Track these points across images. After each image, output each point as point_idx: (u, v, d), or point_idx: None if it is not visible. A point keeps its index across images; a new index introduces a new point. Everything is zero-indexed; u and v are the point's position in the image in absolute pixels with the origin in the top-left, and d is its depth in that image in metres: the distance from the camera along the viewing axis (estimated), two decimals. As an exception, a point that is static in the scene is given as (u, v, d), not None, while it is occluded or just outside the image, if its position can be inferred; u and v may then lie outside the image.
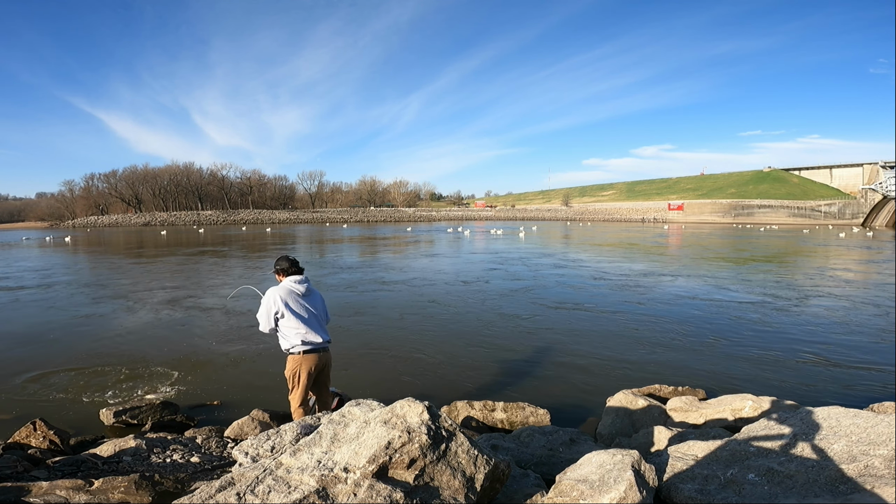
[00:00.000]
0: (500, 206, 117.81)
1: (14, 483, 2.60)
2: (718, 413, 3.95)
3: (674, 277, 14.20)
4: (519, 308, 9.85)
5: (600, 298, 10.88)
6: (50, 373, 6.02)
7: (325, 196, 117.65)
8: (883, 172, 69.91)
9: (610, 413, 4.25)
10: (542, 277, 14.30)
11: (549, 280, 13.79)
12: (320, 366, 3.73)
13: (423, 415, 2.15)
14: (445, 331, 8.09)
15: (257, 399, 5.00)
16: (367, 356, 6.72)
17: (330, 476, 1.91)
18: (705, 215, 76.38)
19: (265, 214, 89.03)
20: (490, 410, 4.48)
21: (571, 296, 11.25)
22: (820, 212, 68.14)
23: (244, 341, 7.43)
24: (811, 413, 2.66)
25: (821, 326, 8.25)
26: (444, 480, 1.97)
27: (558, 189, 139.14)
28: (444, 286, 12.77)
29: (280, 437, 2.39)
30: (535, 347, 7.11)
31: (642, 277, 14.16)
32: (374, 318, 9.03)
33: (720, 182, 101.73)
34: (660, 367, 6.20)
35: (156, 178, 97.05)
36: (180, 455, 3.52)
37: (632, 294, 11.39)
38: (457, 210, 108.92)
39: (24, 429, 3.85)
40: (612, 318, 8.93)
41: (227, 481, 1.93)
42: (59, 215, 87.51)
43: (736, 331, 7.95)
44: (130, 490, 2.54)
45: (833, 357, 6.56)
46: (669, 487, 2.27)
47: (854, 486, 2.02)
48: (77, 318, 9.23)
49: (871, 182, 73.12)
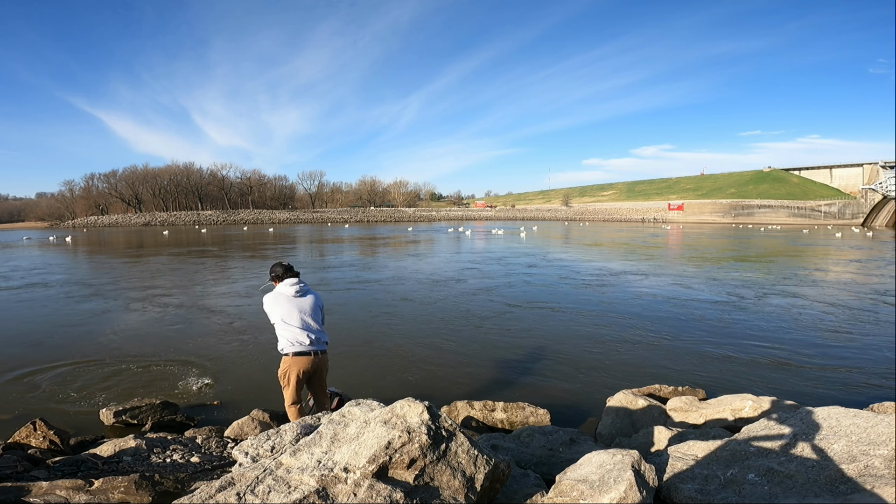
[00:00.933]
0: (500, 207, 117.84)
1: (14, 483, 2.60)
2: (718, 413, 3.95)
3: (674, 277, 14.21)
4: (519, 308, 9.85)
5: (601, 298, 10.88)
6: (50, 373, 6.02)
7: (325, 196, 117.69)
8: (883, 172, 69.93)
9: (610, 413, 4.25)
10: (544, 277, 14.32)
11: (551, 279, 13.80)
12: (311, 369, 3.73)
13: (423, 415, 2.15)
14: (446, 331, 8.09)
15: (257, 399, 5.00)
16: (367, 356, 6.72)
17: (330, 476, 1.91)
18: (705, 215, 76.39)
19: (265, 214, 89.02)
20: (490, 410, 4.48)
21: (572, 295, 11.26)
22: (820, 212, 68.15)
23: (244, 341, 7.43)
24: (811, 413, 2.66)
25: (820, 326, 8.25)
26: (444, 480, 1.97)
27: (558, 189, 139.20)
28: (446, 286, 12.77)
29: (280, 437, 2.39)
30: (535, 347, 7.11)
31: (643, 277, 14.17)
32: (374, 318, 9.03)
33: (720, 182, 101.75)
34: (660, 367, 6.20)
35: (156, 178, 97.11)
36: (180, 455, 3.52)
37: (632, 294, 11.39)
38: (457, 210, 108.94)
39: (24, 429, 3.85)
40: (613, 318, 8.93)
41: (227, 481, 1.93)
42: (59, 215, 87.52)
43: (736, 331, 7.95)
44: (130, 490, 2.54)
45: (833, 357, 6.56)
46: (669, 487, 2.27)
47: (854, 486, 2.02)
48: (77, 318, 9.23)
49: (871, 182, 73.12)
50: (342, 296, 11.47)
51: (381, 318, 9.03)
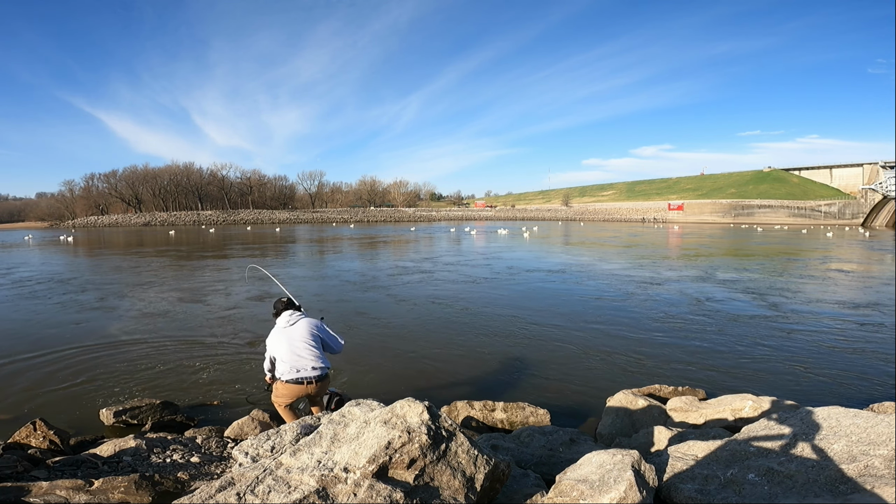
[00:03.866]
0: (500, 206, 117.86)
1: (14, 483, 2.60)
2: (718, 413, 3.95)
3: (674, 278, 14.21)
4: (519, 308, 9.85)
5: (601, 298, 10.88)
6: (50, 372, 6.02)
7: (325, 196, 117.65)
8: (883, 172, 69.95)
9: (610, 413, 4.25)
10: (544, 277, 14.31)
11: (552, 280, 13.80)
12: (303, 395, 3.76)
13: (423, 415, 2.15)
14: (446, 331, 8.09)
15: (257, 399, 5.00)
16: (367, 356, 6.72)
17: (330, 476, 1.91)
18: (705, 215, 76.40)
19: (265, 215, 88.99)
20: (490, 410, 4.48)
21: (571, 295, 11.26)
22: (820, 212, 68.15)
23: (245, 341, 7.43)
24: (811, 413, 2.66)
25: (821, 326, 8.25)
26: (444, 480, 1.97)
27: (558, 189, 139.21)
28: (447, 286, 12.77)
29: (280, 437, 2.39)
30: (535, 347, 7.11)
31: (642, 278, 14.17)
32: (375, 318, 9.03)
33: (720, 182, 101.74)
34: (660, 366, 6.21)
35: (156, 178, 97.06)
36: (180, 455, 3.52)
37: (631, 294, 11.39)
38: (457, 210, 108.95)
39: (24, 429, 3.85)
40: (613, 317, 8.93)
41: (227, 481, 1.93)
42: (59, 215, 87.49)
43: (735, 331, 7.94)
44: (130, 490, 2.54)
45: (833, 357, 6.56)
46: (669, 487, 2.27)
47: (854, 486, 2.02)
48: (78, 317, 9.23)
49: (871, 182, 73.14)
50: (344, 295, 11.48)
51: (382, 318, 9.03)
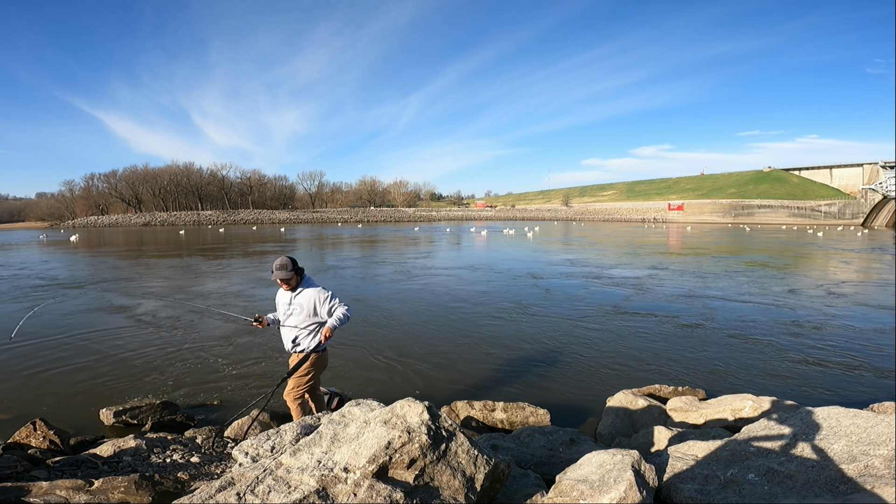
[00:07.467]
0: (500, 206, 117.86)
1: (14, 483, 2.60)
2: (718, 413, 3.95)
3: (674, 278, 14.21)
4: (518, 307, 9.85)
5: (601, 298, 10.88)
6: (50, 373, 6.02)
7: (325, 196, 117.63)
8: (883, 172, 69.97)
9: (610, 413, 4.24)
10: (545, 277, 14.31)
11: (552, 279, 13.80)
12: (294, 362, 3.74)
13: (423, 415, 2.15)
14: (447, 331, 8.08)
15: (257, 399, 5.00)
16: (367, 356, 6.71)
17: (330, 476, 1.91)
18: (705, 215, 76.42)
19: (265, 215, 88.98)
20: (490, 410, 4.48)
21: (571, 295, 11.25)
22: (820, 212, 68.16)
23: (245, 342, 7.43)
24: (811, 413, 2.66)
25: (821, 326, 8.25)
26: (444, 480, 1.97)
27: (558, 189, 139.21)
28: (449, 286, 12.77)
29: (280, 438, 2.39)
30: (535, 347, 7.11)
31: (642, 278, 14.16)
32: (375, 318, 9.03)
33: (720, 182, 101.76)
34: (660, 366, 6.20)
35: (156, 179, 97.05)
36: (180, 455, 3.52)
37: (631, 294, 11.39)
38: (457, 210, 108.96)
39: (24, 429, 3.85)
40: (613, 318, 8.93)
41: (227, 481, 1.93)
42: (59, 215, 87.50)
43: (735, 331, 7.94)
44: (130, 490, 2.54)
45: (833, 357, 6.55)
46: (669, 487, 2.27)
47: (854, 486, 2.02)
48: (78, 317, 9.22)
49: (871, 182, 73.16)
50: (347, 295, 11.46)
51: (382, 319, 9.03)
